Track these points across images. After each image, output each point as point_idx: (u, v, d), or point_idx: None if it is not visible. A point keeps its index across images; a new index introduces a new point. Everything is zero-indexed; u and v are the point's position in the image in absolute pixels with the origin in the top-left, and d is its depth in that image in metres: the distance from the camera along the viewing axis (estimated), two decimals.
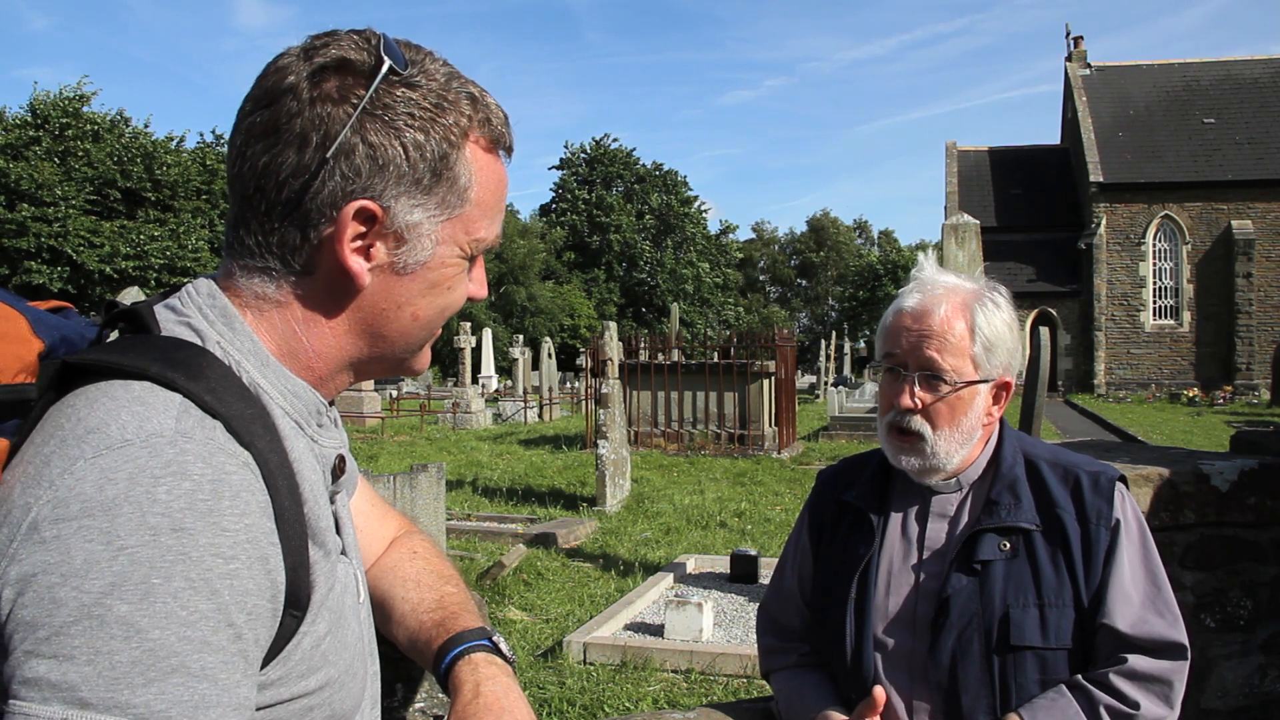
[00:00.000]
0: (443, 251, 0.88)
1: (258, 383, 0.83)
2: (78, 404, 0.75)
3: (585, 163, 61.97)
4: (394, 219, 0.84)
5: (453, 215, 0.87)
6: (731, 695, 4.70)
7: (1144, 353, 36.64)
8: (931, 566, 1.62)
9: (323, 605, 0.84)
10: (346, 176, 0.81)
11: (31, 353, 0.80)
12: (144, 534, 0.68)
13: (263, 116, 0.82)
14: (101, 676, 0.66)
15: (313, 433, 0.89)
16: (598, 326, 29.39)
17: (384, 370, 0.95)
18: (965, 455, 1.63)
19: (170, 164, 35.65)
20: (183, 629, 0.68)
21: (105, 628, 0.66)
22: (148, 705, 0.66)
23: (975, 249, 8.42)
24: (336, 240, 0.83)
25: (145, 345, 0.80)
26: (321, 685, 0.84)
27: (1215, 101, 38.03)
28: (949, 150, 41.95)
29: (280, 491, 0.78)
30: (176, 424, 0.73)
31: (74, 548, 0.67)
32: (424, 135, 0.84)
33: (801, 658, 1.78)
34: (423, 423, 21.35)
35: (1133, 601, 1.55)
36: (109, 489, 0.69)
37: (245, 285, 0.86)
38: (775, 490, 11.55)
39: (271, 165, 0.81)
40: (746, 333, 16.99)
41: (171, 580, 0.68)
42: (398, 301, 0.88)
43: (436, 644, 1.08)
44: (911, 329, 1.61)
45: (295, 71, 0.82)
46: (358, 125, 0.81)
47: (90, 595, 0.66)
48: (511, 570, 7.18)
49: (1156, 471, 2.53)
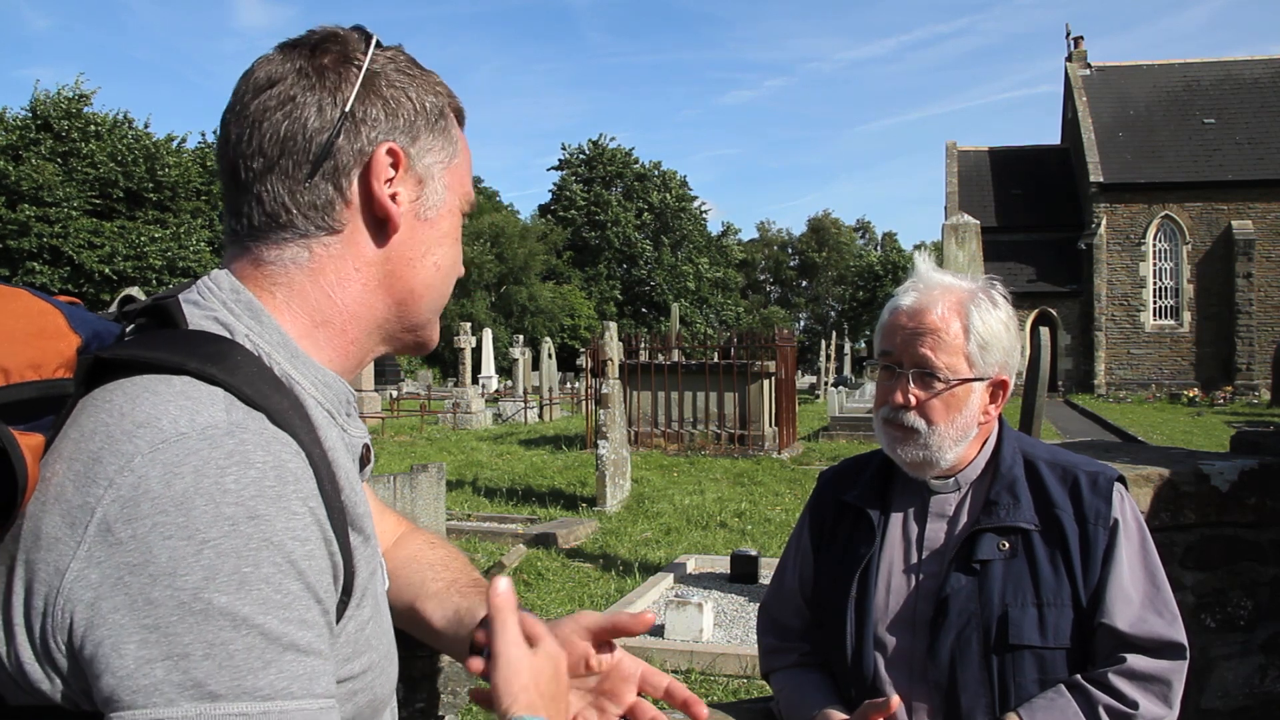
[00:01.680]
0: (450, 199, 0.94)
1: (289, 374, 0.84)
2: (116, 398, 0.75)
3: (584, 163, 62.00)
4: (414, 161, 0.90)
5: (451, 164, 0.94)
6: (732, 695, 4.70)
7: (1144, 353, 36.63)
8: (931, 566, 1.63)
9: (365, 590, 0.85)
10: (368, 124, 0.86)
11: (70, 348, 0.80)
12: (223, 525, 0.69)
13: (271, 95, 0.86)
14: (223, 668, 0.67)
15: (343, 422, 0.90)
16: (598, 326, 29.42)
17: (406, 339, 0.96)
18: (962, 452, 1.63)
19: (171, 164, 35.67)
20: (283, 610, 0.70)
21: (211, 621, 0.67)
22: (272, 685, 0.69)
23: (975, 249, 8.42)
24: (371, 181, 0.87)
25: (178, 339, 0.80)
26: (366, 669, 0.85)
27: (1215, 101, 38.01)
28: (949, 150, 41.94)
29: (323, 478, 0.79)
30: (228, 415, 0.74)
31: (155, 546, 0.68)
32: (420, 90, 0.91)
33: (802, 657, 1.79)
34: (423, 423, 21.36)
35: (1132, 601, 1.55)
36: (176, 483, 0.69)
37: (274, 260, 0.87)
38: (775, 490, 11.55)
39: (293, 128, 0.85)
40: (747, 333, 16.98)
41: (260, 566, 0.70)
42: (423, 249, 0.92)
43: (483, 611, 1.05)
44: (906, 327, 1.62)
45: (288, 56, 0.87)
46: (367, 80, 0.87)
47: (187, 592, 0.67)
48: (512, 570, 7.19)
49: (1157, 471, 2.53)
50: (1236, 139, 36.66)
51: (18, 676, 0.71)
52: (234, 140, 0.86)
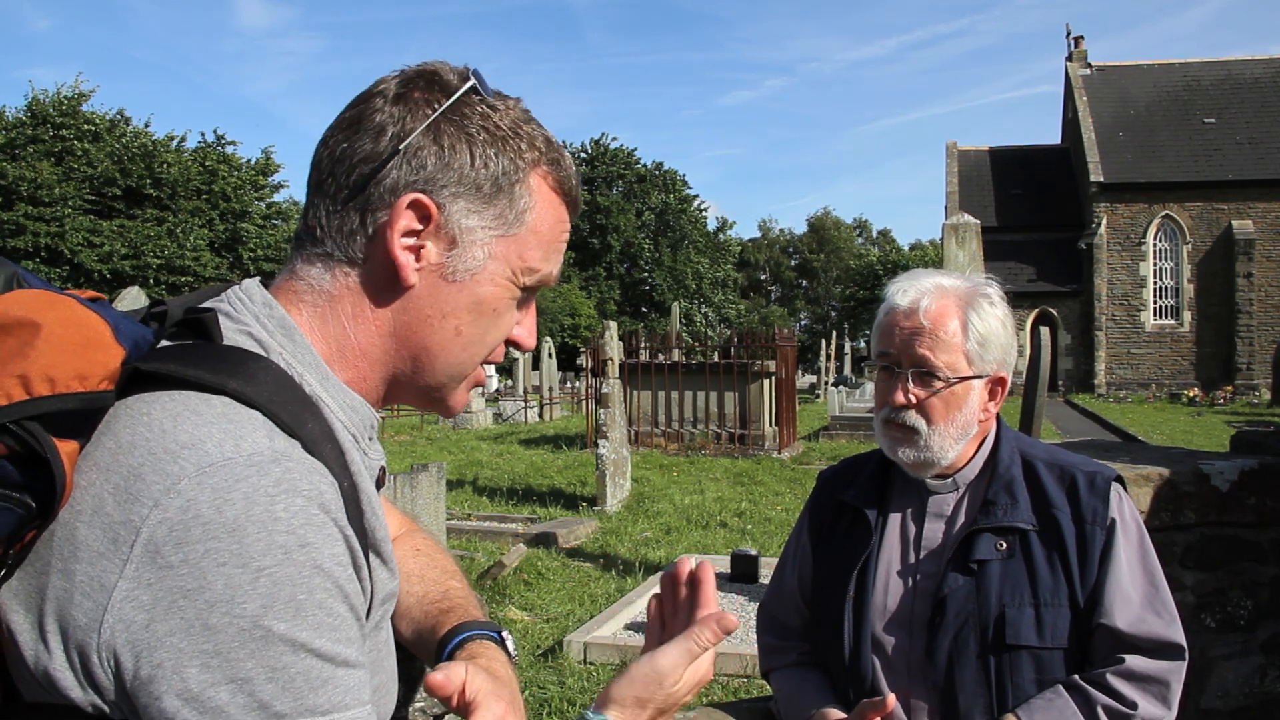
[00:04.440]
0: (494, 268, 0.88)
1: (320, 396, 0.85)
2: (155, 414, 0.75)
3: (585, 163, 62.00)
4: (449, 220, 0.86)
5: (508, 233, 0.89)
6: (732, 695, 4.70)
7: (1144, 353, 36.62)
8: (928, 566, 1.63)
9: (380, 613, 0.88)
10: (412, 168, 0.85)
11: (115, 360, 0.78)
12: (277, 553, 0.71)
13: (351, 113, 0.87)
14: (286, 690, 0.70)
15: (364, 446, 0.91)
16: (598, 326, 29.39)
17: (420, 394, 0.93)
18: (961, 450, 1.63)
19: (170, 163, 35.65)
20: (334, 633, 0.74)
21: (272, 646, 0.70)
22: (330, 701, 0.73)
23: (975, 249, 8.41)
24: (388, 230, 0.85)
25: (216, 356, 0.80)
26: (374, 689, 0.86)
27: (1215, 101, 38.00)
28: (949, 150, 41.93)
29: (349, 504, 0.80)
30: (270, 443, 0.75)
31: (210, 572, 0.69)
32: (494, 150, 0.87)
33: (801, 656, 1.79)
34: (423, 422, 21.36)
35: (1130, 601, 1.55)
36: (228, 510, 0.70)
37: (303, 274, 0.88)
38: (776, 490, 11.55)
39: (348, 151, 0.85)
40: (747, 332, 16.96)
41: (314, 593, 0.72)
42: (443, 310, 0.88)
43: (442, 631, 1.09)
44: (904, 326, 1.61)
45: (388, 81, 0.88)
46: (434, 125, 0.85)
47: (247, 619, 0.69)
48: (512, 570, 7.18)
49: (1157, 471, 2.53)
50: (1237, 139, 36.65)
51: (41, 678, 0.71)
52: (319, 143, 0.89)
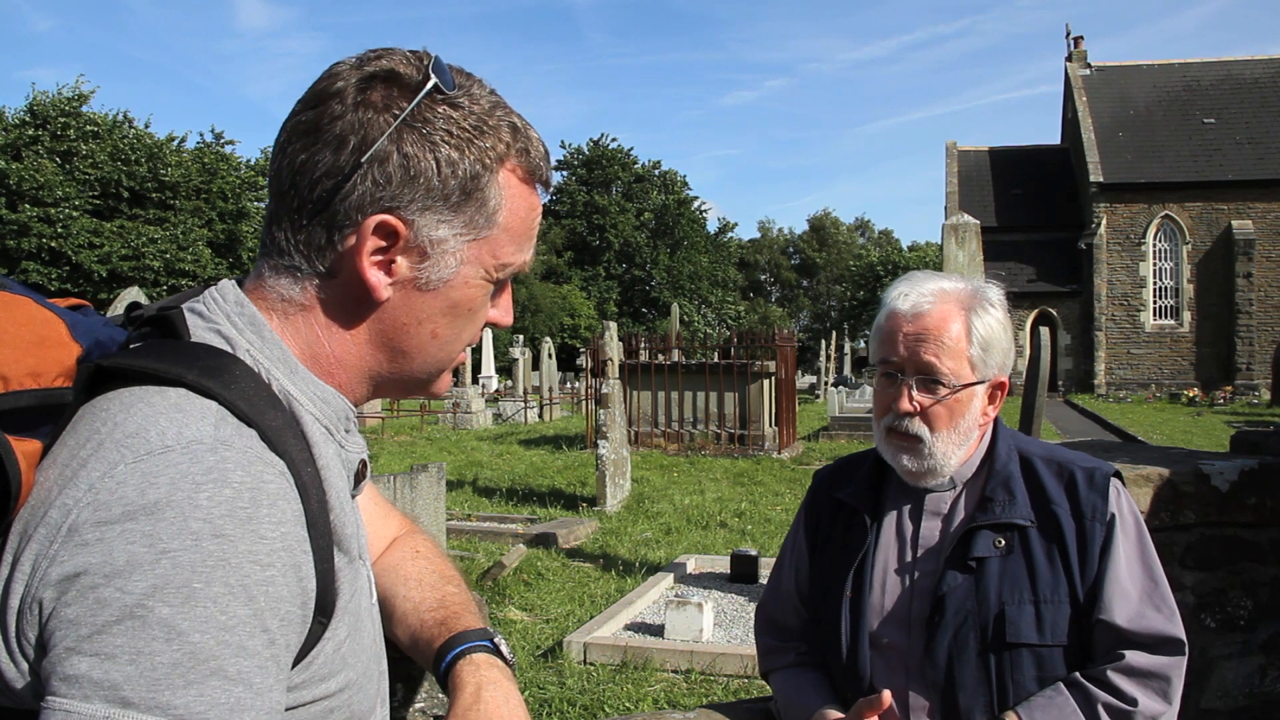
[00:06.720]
0: (467, 272, 0.88)
1: (288, 390, 0.84)
2: (112, 408, 0.76)
3: (584, 163, 61.96)
4: (418, 233, 0.84)
5: (480, 236, 0.87)
6: (732, 695, 4.70)
7: (1144, 353, 36.61)
8: (926, 564, 1.62)
9: (345, 610, 0.85)
10: (377, 183, 0.82)
11: (70, 357, 0.80)
12: (186, 538, 0.69)
13: (307, 116, 0.84)
14: (143, 677, 0.67)
15: (341, 439, 0.90)
16: (598, 326, 29.38)
17: (402, 390, 0.94)
18: (962, 455, 1.63)
19: (171, 164, 35.65)
20: (221, 633, 0.69)
21: (147, 629, 0.67)
22: (187, 707, 0.67)
23: (975, 249, 8.40)
24: (357, 252, 0.83)
25: (178, 351, 0.80)
26: (342, 687, 0.86)
27: (1215, 101, 37.99)
28: (949, 150, 41.91)
29: (311, 499, 0.79)
30: (215, 431, 0.74)
31: (116, 549, 0.68)
32: (459, 153, 0.84)
33: (800, 657, 1.78)
34: (423, 423, 21.36)
35: (1130, 597, 1.54)
36: (151, 493, 0.70)
37: (272, 286, 0.86)
38: (775, 490, 11.54)
39: (308, 163, 0.82)
40: (747, 333, 16.96)
41: (212, 585, 0.69)
42: (418, 317, 0.88)
43: (438, 643, 1.09)
44: (908, 332, 1.59)
45: (345, 78, 0.84)
46: (396, 134, 0.82)
47: (133, 596, 0.67)
48: (512, 570, 7.18)
49: (1156, 471, 2.52)
50: (1236, 139, 36.64)
51: None
52: (275, 150, 0.86)
